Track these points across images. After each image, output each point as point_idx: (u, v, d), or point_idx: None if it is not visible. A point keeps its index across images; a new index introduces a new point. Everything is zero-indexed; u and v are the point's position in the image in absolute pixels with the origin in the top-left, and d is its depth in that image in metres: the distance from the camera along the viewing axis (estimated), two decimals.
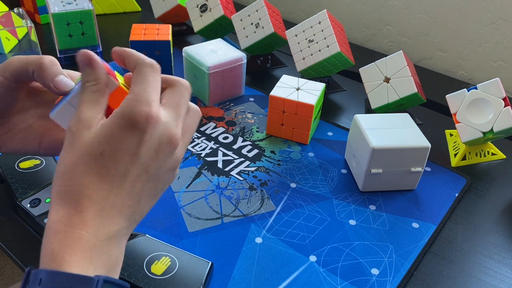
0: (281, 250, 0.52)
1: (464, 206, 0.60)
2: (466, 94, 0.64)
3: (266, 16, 0.81)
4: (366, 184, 0.60)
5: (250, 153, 0.67)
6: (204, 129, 0.71)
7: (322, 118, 0.76)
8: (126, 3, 1.13)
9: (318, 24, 0.76)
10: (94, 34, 0.89)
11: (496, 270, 0.52)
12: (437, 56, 0.98)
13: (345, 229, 0.55)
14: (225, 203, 0.58)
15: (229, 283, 0.48)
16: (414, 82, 0.68)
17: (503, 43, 0.88)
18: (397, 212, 0.58)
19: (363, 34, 1.07)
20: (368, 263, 0.51)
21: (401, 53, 0.69)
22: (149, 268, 0.45)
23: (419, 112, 0.80)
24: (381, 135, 0.58)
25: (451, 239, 0.55)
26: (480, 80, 0.93)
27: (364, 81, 0.72)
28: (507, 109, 0.61)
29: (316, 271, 0.50)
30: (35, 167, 0.57)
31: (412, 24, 0.98)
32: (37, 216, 0.51)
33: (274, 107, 0.68)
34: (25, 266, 0.49)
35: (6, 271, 1.23)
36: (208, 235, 0.53)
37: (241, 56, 0.76)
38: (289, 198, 0.59)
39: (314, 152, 0.68)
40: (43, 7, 1.01)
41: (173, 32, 0.98)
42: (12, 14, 0.83)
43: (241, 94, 0.80)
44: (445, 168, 0.66)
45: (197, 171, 0.63)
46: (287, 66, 0.92)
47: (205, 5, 0.88)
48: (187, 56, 0.76)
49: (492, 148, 0.69)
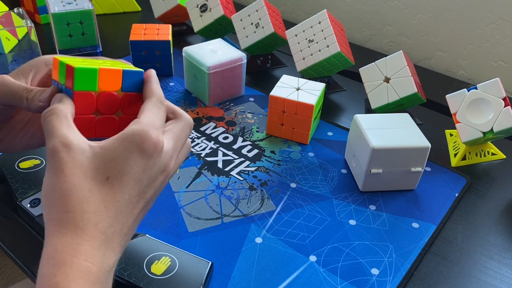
0: (281, 250, 0.52)
1: (464, 206, 0.60)
2: (466, 94, 0.64)
3: (266, 16, 0.81)
4: (366, 184, 0.60)
5: (250, 153, 0.67)
6: (204, 129, 0.71)
7: (322, 118, 0.76)
8: (126, 3, 1.13)
9: (318, 24, 0.76)
10: (94, 34, 0.89)
11: (496, 270, 0.52)
12: (437, 56, 0.98)
13: (345, 229, 0.55)
14: (225, 203, 0.58)
15: (229, 283, 0.48)
16: (414, 82, 0.68)
17: (503, 43, 0.88)
18: (397, 212, 0.58)
19: (363, 34, 1.07)
20: (368, 263, 0.51)
21: (401, 53, 0.69)
22: (149, 268, 0.45)
23: (419, 112, 0.80)
24: (381, 135, 0.58)
25: (451, 239, 0.55)
26: (480, 80, 0.93)
27: (364, 81, 0.72)
28: (507, 109, 0.61)
29: (316, 271, 0.50)
30: (35, 167, 0.57)
31: (412, 24, 0.98)
32: (37, 216, 0.51)
33: (274, 107, 0.68)
34: (25, 266, 0.49)
35: (6, 271, 1.23)
36: (208, 235, 0.53)
37: (241, 56, 0.76)
38: (289, 198, 0.59)
39: (314, 152, 0.68)
40: (43, 7, 1.01)
41: (173, 32, 0.98)
42: (12, 14, 0.83)
43: (241, 94, 0.80)
44: (445, 168, 0.66)
45: (197, 171, 0.63)
46: (287, 66, 0.92)
47: (205, 5, 0.88)
48: (187, 56, 0.76)
49: (492, 148, 0.69)
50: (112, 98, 0.37)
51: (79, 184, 0.32)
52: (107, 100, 0.37)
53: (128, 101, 0.38)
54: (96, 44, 0.90)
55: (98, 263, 0.31)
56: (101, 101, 0.37)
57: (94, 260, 0.31)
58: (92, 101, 0.36)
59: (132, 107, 0.39)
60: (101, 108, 0.37)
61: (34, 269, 0.49)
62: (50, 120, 0.34)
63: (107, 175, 0.33)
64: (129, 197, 0.34)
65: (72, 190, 0.32)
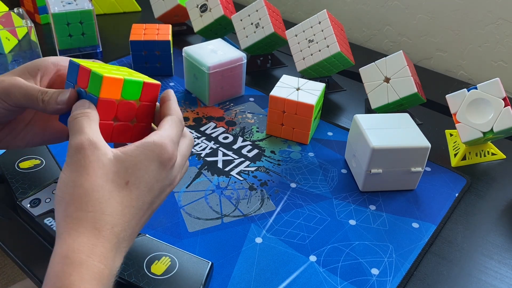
0: (281, 250, 0.52)
1: (464, 206, 0.60)
2: (466, 94, 0.64)
3: (266, 16, 0.81)
4: (366, 184, 0.60)
5: (250, 153, 0.67)
6: (204, 129, 0.71)
7: (322, 118, 0.76)
8: (126, 3, 1.13)
9: (318, 24, 0.76)
10: (94, 34, 0.89)
11: (496, 270, 0.52)
12: (437, 56, 0.98)
13: (345, 229, 0.55)
14: (225, 203, 0.58)
15: (229, 283, 0.48)
16: (414, 82, 0.68)
17: (503, 43, 0.88)
18: (397, 212, 0.58)
19: (363, 34, 1.07)
20: (368, 263, 0.51)
21: (401, 53, 0.69)
22: (149, 268, 0.45)
23: (419, 112, 0.80)
24: (381, 135, 0.58)
25: (451, 239, 0.55)
26: (480, 80, 0.93)
27: (364, 81, 0.72)
28: (507, 109, 0.61)
29: (316, 271, 0.50)
30: (35, 167, 0.57)
31: (412, 24, 0.98)
32: (37, 216, 0.50)
33: (274, 107, 0.68)
34: (25, 266, 0.49)
35: (6, 271, 1.23)
36: (208, 235, 0.53)
37: (241, 56, 0.76)
38: (289, 198, 0.59)
39: (314, 152, 0.68)
40: (43, 7, 1.01)
41: (173, 32, 0.98)
42: (12, 14, 0.83)
43: (241, 94, 0.80)
44: (445, 168, 0.66)
45: (197, 171, 0.63)
46: (287, 66, 0.92)
47: (205, 5, 0.88)
48: (187, 56, 0.76)
49: (492, 148, 0.69)
50: (130, 107, 0.40)
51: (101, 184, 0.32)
52: (126, 108, 0.39)
53: (143, 110, 0.41)
54: (96, 44, 0.90)
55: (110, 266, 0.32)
56: (121, 109, 0.39)
57: (107, 262, 0.31)
58: (114, 108, 0.38)
59: (145, 116, 0.41)
60: (120, 116, 0.39)
61: (34, 269, 0.49)
62: (80, 120, 0.35)
63: (127, 179, 0.34)
64: (142, 204, 0.35)
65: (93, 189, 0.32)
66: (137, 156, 0.34)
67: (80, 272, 0.29)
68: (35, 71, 0.41)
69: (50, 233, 0.49)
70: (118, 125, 0.40)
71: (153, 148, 0.35)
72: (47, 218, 0.50)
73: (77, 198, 0.32)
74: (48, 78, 0.42)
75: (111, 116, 0.39)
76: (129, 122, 0.40)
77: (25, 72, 0.41)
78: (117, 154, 0.34)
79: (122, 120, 0.40)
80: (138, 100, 0.40)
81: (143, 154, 0.34)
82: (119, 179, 0.33)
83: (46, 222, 0.50)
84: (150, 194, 0.35)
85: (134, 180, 0.34)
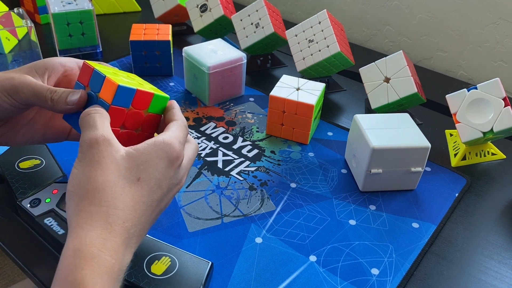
0: (281, 250, 0.52)
1: (464, 206, 0.60)
2: (466, 94, 0.64)
3: (266, 16, 0.81)
4: (366, 184, 0.60)
5: (250, 153, 0.67)
6: (204, 129, 0.71)
7: (322, 118, 0.76)
8: (126, 3, 1.13)
9: (318, 24, 0.76)
10: (94, 34, 0.89)
11: (496, 270, 0.52)
12: (437, 56, 0.98)
13: (345, 229, 0.55)
14: (225, 203, 0.58)
15: (229, 283, 0.48)
16: (414, 82, 0.68)
17: (503, 43, 0.88)
18: (397, 212, 0.58)
19: (363, 34, 1.07)
20: (368, 263, 0.51)
21: (401, 53, 0.69)
22: (149, 268, 0.45)
23: (419, 112, 0.80)
24: (381, 135, 0.58)
25: (451, 239, 0.55)
26: (480, 80, 0.93)
27: (364, 81, 0.72)
28: (507, 109, 0.61)
29: (316, 271, 0.50)
30: (35, 167, 0.57)
31: (412, 24, 0.98)
32: (37, 216, 0.50)
33: (274, 107, 0.68)
34: (25, 266, 0.49)
35: (6, 271, 1.23)
36: (208, 235, 0.53)
37: (241, 56, 0.76)
38: (289, 198, 0.59)
39: (314, 152, 0.68)
40: (43, 7, 1.01)
41: (173, 32, 0.98)
42: (12, 14, 0.83)
43: (241, 94, 0.80)
44: (445, 168, 0.66)
45: (197, 171, 0.63)
46: (287, 66, 0.92)
47: (205, 5, 0.88)
48: (187, 56, 0.76)
49: (492, 148, 0.69)
50: (138, 117, 0.41)
51: (114, 180, 0.33)
52: (134, 117, 0.41)
53: (149, 120, 0.42)
54: (96, 44, 0.90)
55: (120, 260, 0.32)
56: (129, 117, 0.40)
57: (117, 257, 0.31)
58: (123, 116, 0.40)
59: (150, 126, 0.43)
60: (127, 124, 0.40)
61: (34, 269, 0.49)
62: (94, 116, 0.36)
63: (139, 176, 0.34)
64: (152, 200, 0.35)
65: (106, 185, 0.32)
66: (148, 153, 0.35)
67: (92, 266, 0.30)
68: (43, 70, 0.42)
69: (50, 233, 0.49)
70: (124, 132, 0.41)
71: (162, 146, 0.36)
72: (47, 218, 0.50)
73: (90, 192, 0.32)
74: (55, 78, 0.43)
75: (120, 123, 0.40)
76: (134, 131, 0.42)
77: (32, 71, 0.41)
78: (129, 151, 0.35)
79: (128, 128, 0.41)
80: (146, 110, 0.41)
81: (154, 151, 0.35)
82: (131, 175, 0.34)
83: (46, 222, 0.50)
84: (159, 191, 0.36)
85: (145, 177, 0.35)
